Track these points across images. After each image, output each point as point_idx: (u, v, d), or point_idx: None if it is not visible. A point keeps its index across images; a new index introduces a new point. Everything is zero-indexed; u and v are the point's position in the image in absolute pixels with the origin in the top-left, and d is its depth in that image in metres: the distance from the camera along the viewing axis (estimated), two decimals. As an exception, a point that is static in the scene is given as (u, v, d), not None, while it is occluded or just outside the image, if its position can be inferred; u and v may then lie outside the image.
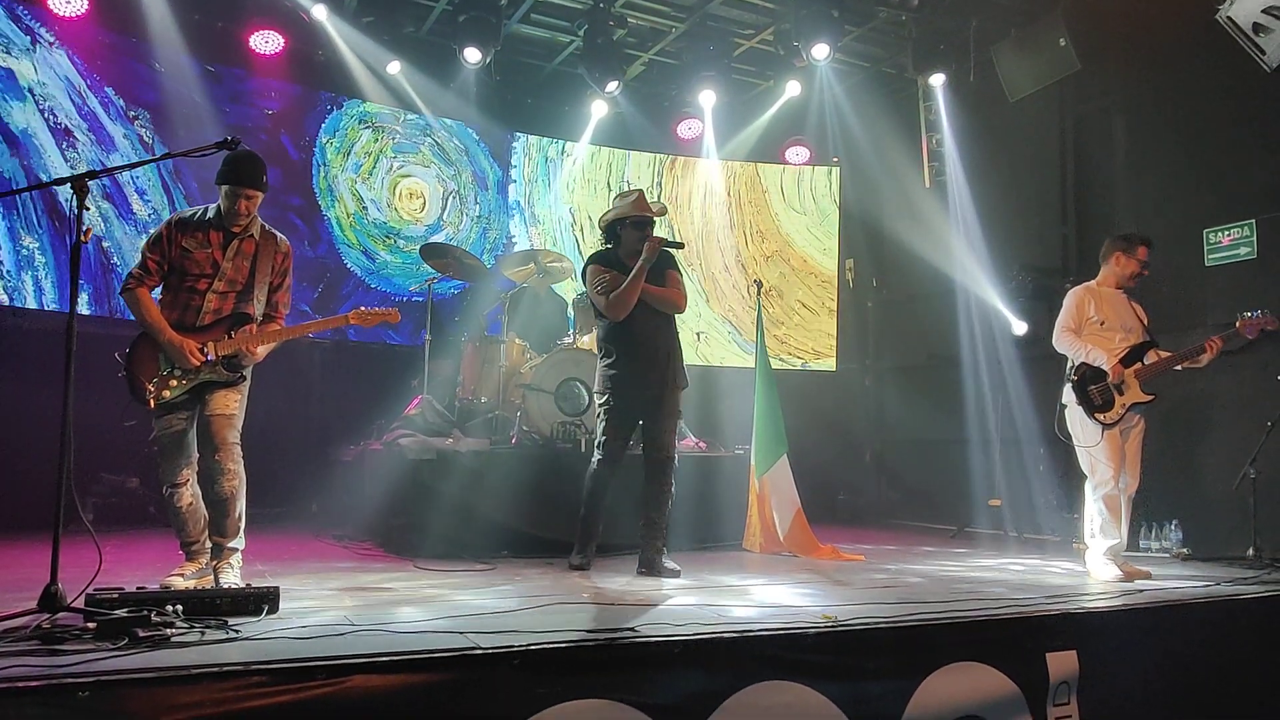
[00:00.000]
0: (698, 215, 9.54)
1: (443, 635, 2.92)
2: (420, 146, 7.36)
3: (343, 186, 7.14)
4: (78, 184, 3.09)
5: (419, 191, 7.32)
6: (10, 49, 5.70)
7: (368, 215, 7.04)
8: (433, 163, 7.36)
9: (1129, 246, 5.17)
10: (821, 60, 8.21)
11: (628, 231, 4.92)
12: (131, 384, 3.86)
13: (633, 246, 4.88)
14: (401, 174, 7.24)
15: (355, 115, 7.23)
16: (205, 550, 4.00)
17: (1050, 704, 3.54)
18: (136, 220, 6.76)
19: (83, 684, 2.26)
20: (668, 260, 4.96)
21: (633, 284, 4.75)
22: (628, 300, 4.76)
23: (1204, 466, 6.49)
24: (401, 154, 7.19)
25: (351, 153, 7.13)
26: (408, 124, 7.18)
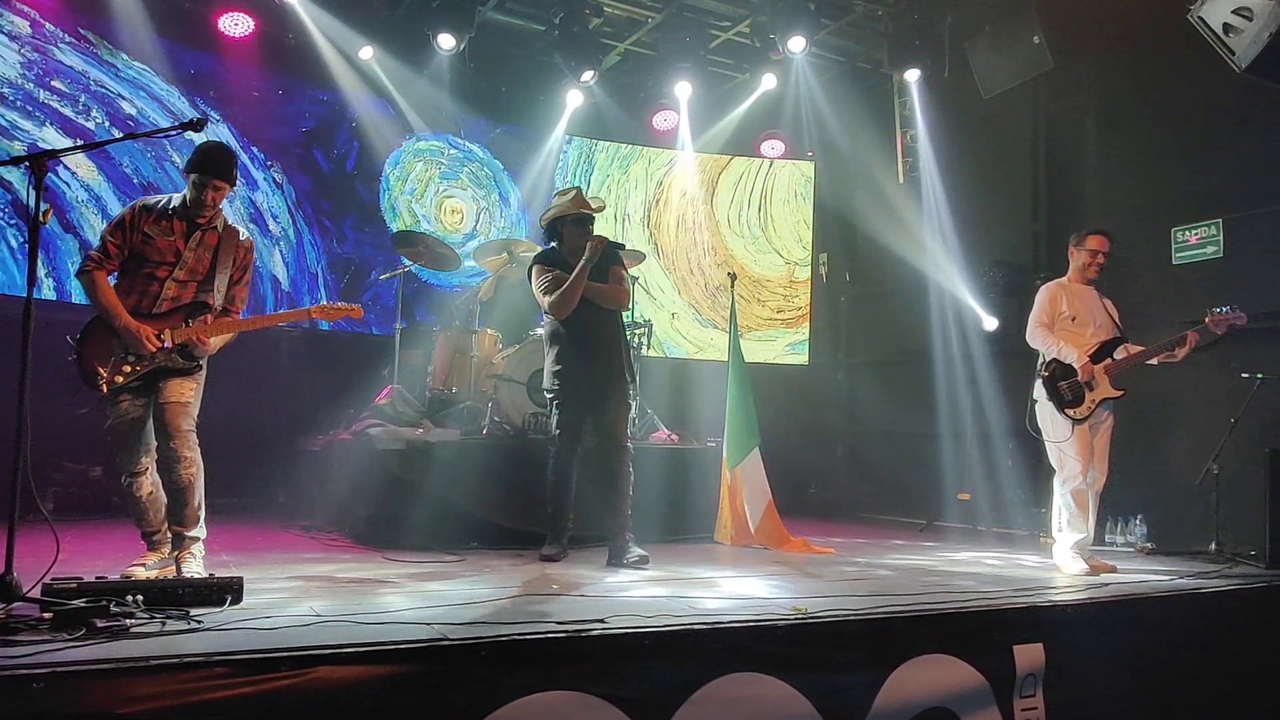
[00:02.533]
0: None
1: (411, 626, 2.89)
2: (460, 174, 9.05)
3: (401, 205, 8.73)
4: (36, 164, 3.01)
5: (459, 208, 9.03)
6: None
7: (420, 227, 8.54)
8: (469, 186, 9.09)
9: (1079, 239, 5.27)
10: (798, 54, 8.21)
11: (568, 229, 5.02)
12: (83, 369, 3.77)
13: (575, 243, 4.96)
14: (446, 195, 8.97)
15: (411, 151, 8.80)
16: (167, 540, 3.93)
17: (1017, 696, 3.58)
18: (273, 236, 8.10)
19: (37, 675, 2.20)
20: (610, 257, 5.05)
21: (574, 284, 4.84)
22: (570, 299, 4.86)
23: (1168, 462, 6.58)
24: (446, 180, 8.98)
25: (408, 179, 8.77)
26: (450, 156, 8.96)
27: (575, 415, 5.02)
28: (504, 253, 6.95)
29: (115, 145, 6.68)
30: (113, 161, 7.29)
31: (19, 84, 6.87)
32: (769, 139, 9.90)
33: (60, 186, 7.01)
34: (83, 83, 7.14)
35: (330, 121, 8.41)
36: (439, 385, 6.50)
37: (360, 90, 8.33)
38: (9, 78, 6.84)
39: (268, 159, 8.04)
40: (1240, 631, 4.35)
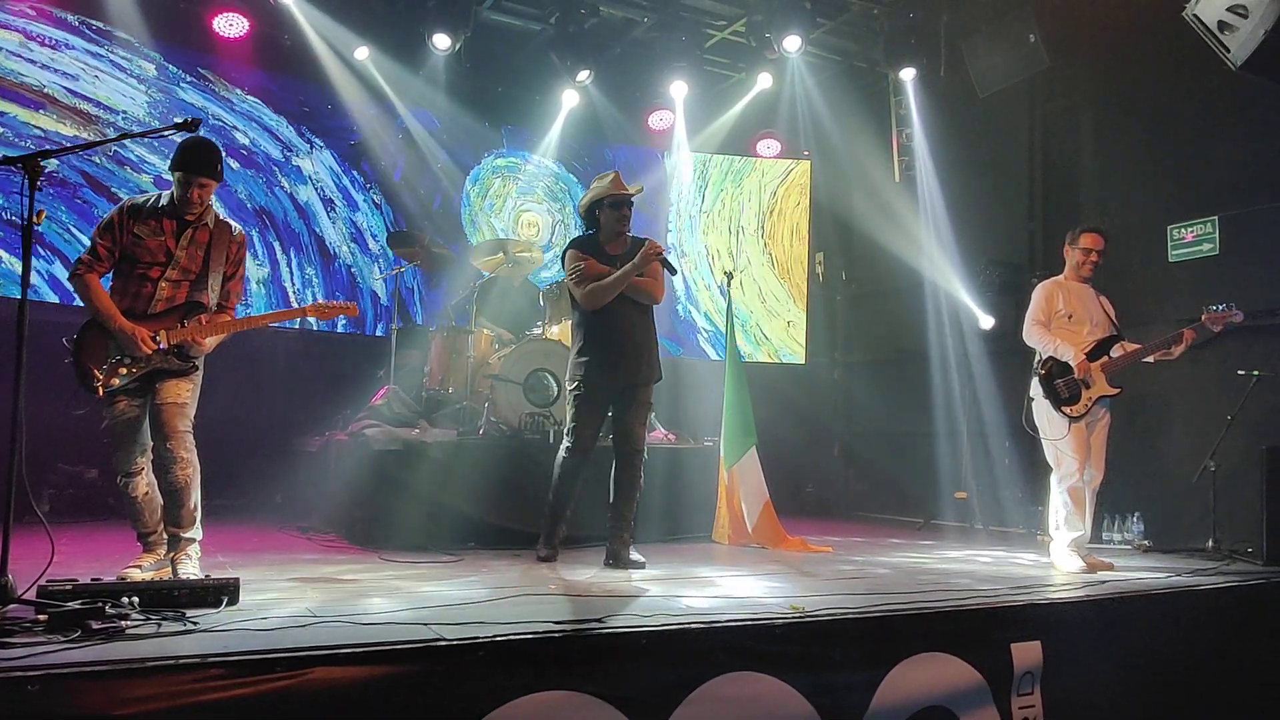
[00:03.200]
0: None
1: (407, 627, 2.88)
2: (536, 188, 9.42)
3: (481, 220, 9.13)
4: (30, 165, 3.00)
5: (535, 221, 9.39)
6: (299, 152, 8.21)
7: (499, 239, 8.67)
8: (545, 200, 9.46)
9: (1073, 237, 5.29)
10: (793, 53, 8.22)
11: (605, 213, 4.84)
12: (79, 371, 3.76)
13: (612, 228, 4.82)
14: (523, 209, 9.35)
15: (489, 168, 9.22)
16: (163, 541, 3.92)
17: (1014, 694, 3.58)
18: (372, 254, 8.56)
19: (31, 677, 2.19)
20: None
21: (617, 282, 4.67)
22: (606, 296, 4.69)
23: (1165, 460, 6.58)
24: (523, 194, 9.37)
25: (487, 195, 9.18)
26: (526, 172, 9.34)
27: (598, 410, 4.83)
28: (499, 253, 6.94)
29: (231, 175, 7.56)
30: (229, 189, 7.74)
31: (146, 122, 7.41)
32: (765, 138, 9.90)
33: None
34: (201, 117, 7.23)
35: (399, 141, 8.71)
36: (435, 386, 6.49)
37: (411, 105, 8.56)
38: (137, 116, 7.42)
39: (366, 182, 8.51)
40: (1238, 628, 4.36)
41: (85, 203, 7.17)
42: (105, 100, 7.32)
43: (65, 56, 7.14)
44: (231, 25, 7.62)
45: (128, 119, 7.36)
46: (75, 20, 7.16)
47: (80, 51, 7.21)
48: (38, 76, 7.00)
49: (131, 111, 7.39)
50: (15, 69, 6.88)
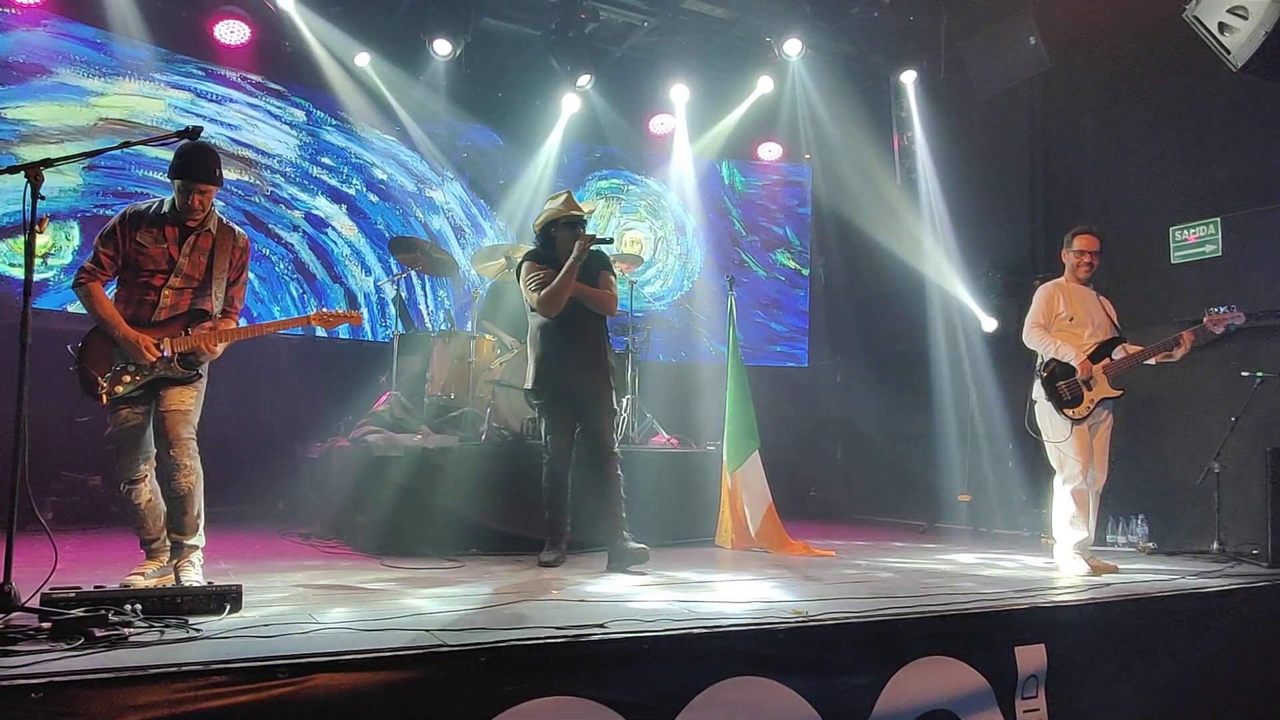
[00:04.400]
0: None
1: (410, 633, 2.87)
2: (638, 207, 9.87)
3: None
4: (32, 173, 3.01)
5: (639, 239, 9.79)
6: (432, 184, 8.85)
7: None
8: (647, 218, 9.89)
9: (1068, 239, 5.31)
10: (794, 56, 8.23)
11: (560, 232, 5.01)
12: (83, 379, 3.76)
13: (566, 246, 4.95)
14: (627, 227, 9.78)
15: (593, 190, 9.62)
16: (166, 549, 3.92)
17: (1019, 697, 3.57)
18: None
19: (35, 685, 2.20)
20: (601, 262, 5.08)
21: (564, 280, 4.82)
22: (559, 296, 4.83)
23: (1169, 461, 6.57)
24: (626, 214, 9.81)
25: (592, 215, 9.25)
26: (629, 192, 9.78)
27: (566, 419, 5.01)
28: (502, 258, 6.95)
29: (370, 208, 8.45)
30: (369, 220, 8.49)
31: (297, 163, 8.17)
32: (766, 142, 9.91)
33: (329, 244, 8.29)
34: (344, 156, 8.44)
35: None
36: (437, 391, 6.49)
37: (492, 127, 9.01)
38: (289, 159, 8.13)
39: (491, 209, 9.15)
40: (1243, 631, 4.34)
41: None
42: (262, 146, 7.98)
43: (228, 109, 7.84)
44: (233, 32, 7.65)
45: (282, 161, 8.04)
46: (236, 76, 7.85)
47: (241, 104, 7.91)
48: (206, 129, 7.09)
49: (284, 155, 8.07)
50: (186, 124, 7.03)
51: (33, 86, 6.94)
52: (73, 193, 7.09)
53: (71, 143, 6.96)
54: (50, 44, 7.00)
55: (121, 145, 3.52)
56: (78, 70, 7.13)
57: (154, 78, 7.45)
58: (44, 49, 6.97)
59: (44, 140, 6.90)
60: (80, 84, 7.14)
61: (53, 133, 6.97)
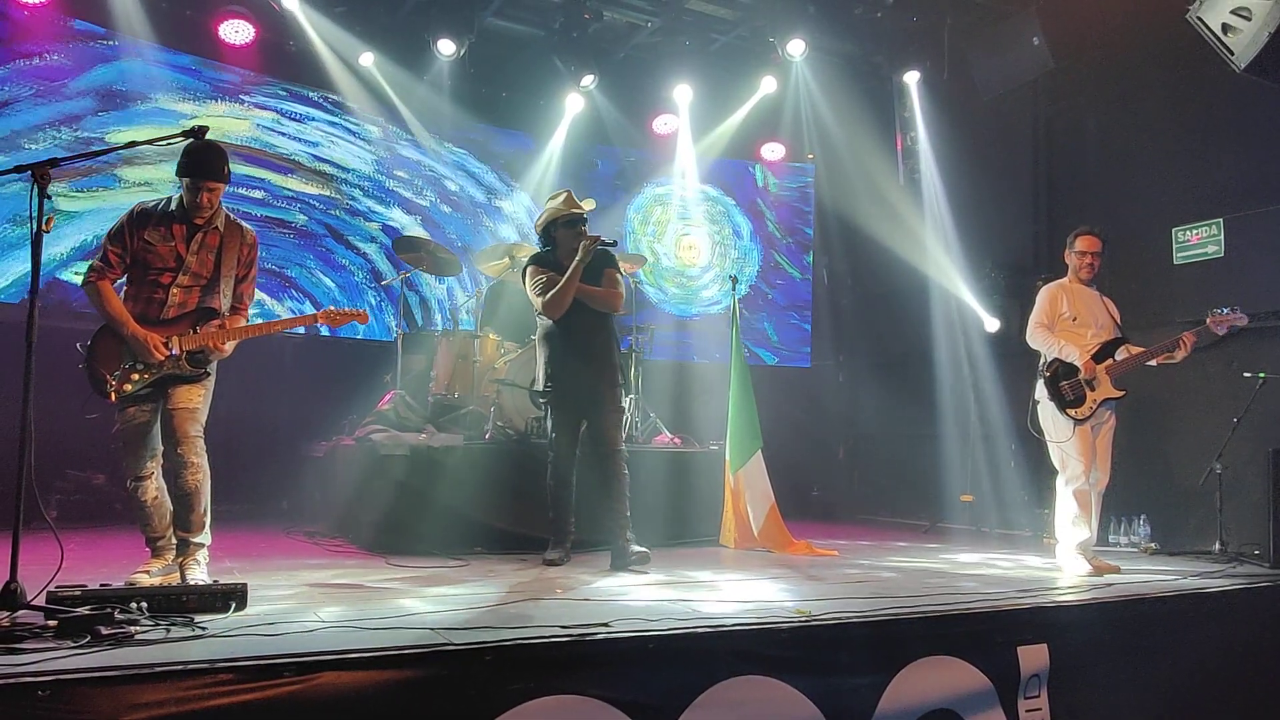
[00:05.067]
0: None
1: (415, 631, 2.88)
2: (695, 213, 10.00)
3: (644, 246, 9.70)
4: (38, 172, 3.02)
5: (695, 244, 10.01)
6: (500, 195, 9.16)
7: (660, 263, 9.77)
8: (704, 223, 10.03)
9: (1070, 240, 5.32)
10: (797, 56, 8.23)
11: (561, 232, 5.02)
12: (92, 377, 3.78)
13: (569, 245, 4.96)
14: (683, 233, 9.97)
15: (651, 196, 9.85)
16: (171, 546, 3.93)
17: (1021, 697, 3.57)
18: None
19: (42, 683, 2.21)
20: (606, 260, 5.06)
21: (568, 283, 4.83)
22: (563, 299, 4.84)
23: (1171, 462, 6.57)
24: (682, 220, 9.97)
25: (650, 222, 9.84)
26: (683, 199, 9.89)
27: (571, 417, 5.02)
28: (505, 257, 6.96)
29: (443, 218, 8.76)
30: (441, 230, 8.74)
31: (374, 177, 8.54)
32: (770, 142, 9.91)
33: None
34: (418, 169, 8.76)
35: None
36: (442, 390, 6.50)
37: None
38: (366, 173, 8.50)
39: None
40: (1245, 631, 4.35)
41: (328, 250, 8.23)
42: (340, 161, 8.37)
43: (309, 127, 8.23)
44: (237, 32, 7.66)
45: (359, 176, 8.43)
46: (317, 96, 8.25)
47: (321, 122, 8.31)
48: (288, 146, 8.09)
49: (361, 169, 8.45)
50: (271, 142, 8.01)
51: (134, 112, 7.40)
52: None
53: (166, 163, 7.24)
54: (150, 72, 7.47)
55: (128, 145, 3.54)
56: (173, 95, 7.60)
57: (242, 99, 7.91)
58: (144, 77, 7.45)
59: (143, 162, 7.37)
60: (175, 108, 7.59)
61: (149, 154, 7.36)
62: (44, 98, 6.98)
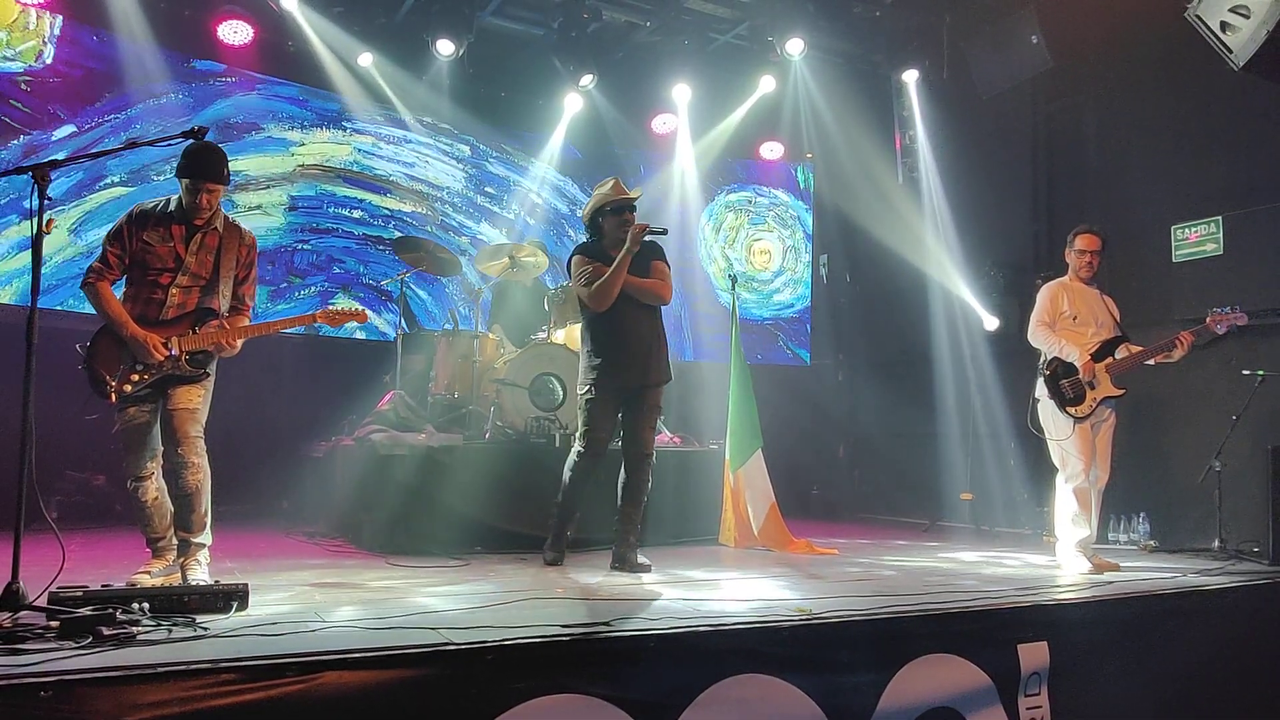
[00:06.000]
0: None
1: (416, 631, 2.88)
2: (766, 219, 10.27)
3: (716, 251, 10.05)
4: (38, 173, 3.02)
5: (768, 249, 10.22)
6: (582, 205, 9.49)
7: (732, 269, 9.59)
8: (775, 228, 10.28)
9: (1070, 239, 5.32)
10: (796, 55, 8.23)
11: (608, 219, 4.82)
12: (92, 377, 3.78)
13: (615, 234, 4.78)
14: (754, 239, 10.22)
15: (722, 204, 10.14)
16: (172, 547, 3.94)
17: (1021, 694, 3.58)
18: None
19: (44, 684, 2.21)
20: (653, 250, 4.85)
21: (615, 274, 4.63)
22: (610, 290, 4.64)
23: (1171, 460, 6.58)
24: (754, 225, 10.23)
25: (721, 228, 10.13)
26: (756, 204, 10.18)
27: (606, 418, 4.79)
28: (504, 257, 6.96)
29: (528, 230, 8.99)
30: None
31: (464, 194, 9.02)
32: (769, 141, 9.91)
33: None
34: (505, 185, 9.25)
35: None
36: (441, 390, 6.50)
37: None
38: (457, 190, 8.98)
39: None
40: (1244, 628, 4.35)
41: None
42: (434, 180, 8.84)
43: (404, 149, 8.71)
44: (236, 32, 7.66)
45: (450, 193, 8.91)
46: (411, 119, 8.68)
47: (415, 143, 8.78)
48: (385, 168, 8.61)
49: (453, 186, 8.94)
50: (370, 164, 8.55)
51: (247, 142, 7.95)
52: (277, 231, 8.03)
53: (276, 188, 8.02)
54: (261, 104, 8.07)
55: (127, 146, 3.54)
56: (282, 124, 8.14)
57: (344, 125, 8.42)
58: (255, 109, 8.03)
59: (253, 188, 7.94)
60: (284, 136, 8.14)
61: (261, 180, 7.98)
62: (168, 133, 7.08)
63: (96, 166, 7.27)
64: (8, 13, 6.93)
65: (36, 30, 7.11)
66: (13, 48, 6.99)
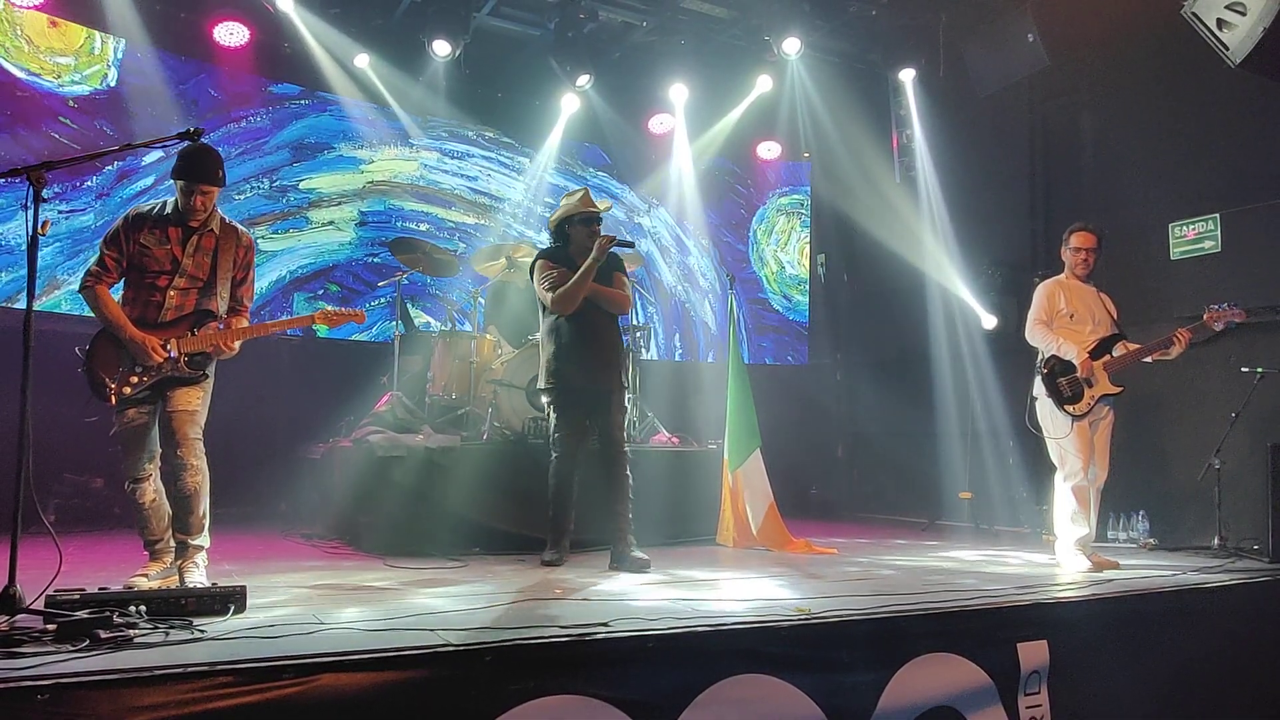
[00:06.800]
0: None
1: (413, 633, 2.88)
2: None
3: (768, 254, 10.27)
4: (34, 175, 3.01)
5: (824, 256, 10.20)
6: (640, 212, 9.75)
7: (785, 272, 10.27)
8: None
9: (1066, 236, 5.34)
10: (793, 55, 8.23)
11: (575, 229, 5.02)
12: (91, 380, 3.78)
13: (582, 243, 4.96)
14: (806, 240, 10.31)
15: (774, 207, 10.35)
16: (170, 549, 3.93)
17: (1021, 693, 3.58)
18: (701, 290, 10.16)
19: (41, 687, 2.20)
20: (615, 262, 5.09)
21: (581, 280, 4.83)
22: (575, 296, 4.85)
23: (1170, 458, 6.58)
24: (805, 228, 10.32)
25: (773, 232, 10.35)
26: (807, 206, 10.28)
27: (576, 416, 5.02)
28: (500, 258, 6.96)
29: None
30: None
31: (524, 204, 9.26)
32: (766, 140, 9.91)
33: None
34: (561, 194, 9.06)
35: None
36: (439, 391, 6.50)
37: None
38: (518, 201, 9.24)
39: (694, 230, 10.05)
40: (1244, 626, 4.35)
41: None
42: (496, 192, 9.15)
43: (468, 164, 9.02)
44: (232, 34, 7.65)
45: (512, 204, 9.18)
46: (474, 134, 9.04)
47: (478, 158, 9.11)
48: (449, 182, 8.92)
49: (514, 198, 9.21)
50: (434, 179, 8.85)
51: (321, 160, 8.35)
52: (349, 245, 8.40)
53: (347, 204, 8.39)
54: (333, 125, 8.41)
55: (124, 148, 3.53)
56: (352, 144, 8.49)
57: (410, 144, 8.72)
58: (328, 129, 8.40)
59: (326, 204, 8.32)
60: (354, 155, 8.50)
61: (333, 197, 8.36)
62: (249, 154, 8.00)
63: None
64: (74, 39, 7.28)
65: (101, 55, 7.41)
66: (79, 72, 7.31)
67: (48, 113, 7.11)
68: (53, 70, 7.17)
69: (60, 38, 7.21)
